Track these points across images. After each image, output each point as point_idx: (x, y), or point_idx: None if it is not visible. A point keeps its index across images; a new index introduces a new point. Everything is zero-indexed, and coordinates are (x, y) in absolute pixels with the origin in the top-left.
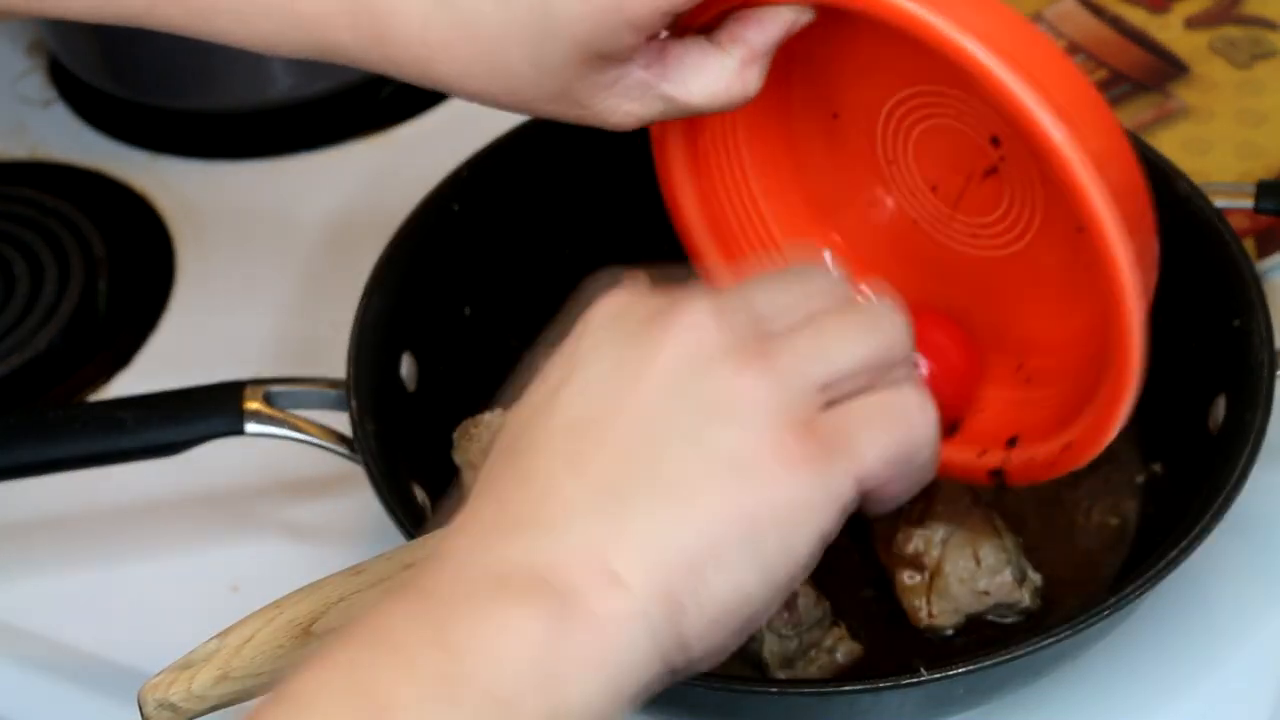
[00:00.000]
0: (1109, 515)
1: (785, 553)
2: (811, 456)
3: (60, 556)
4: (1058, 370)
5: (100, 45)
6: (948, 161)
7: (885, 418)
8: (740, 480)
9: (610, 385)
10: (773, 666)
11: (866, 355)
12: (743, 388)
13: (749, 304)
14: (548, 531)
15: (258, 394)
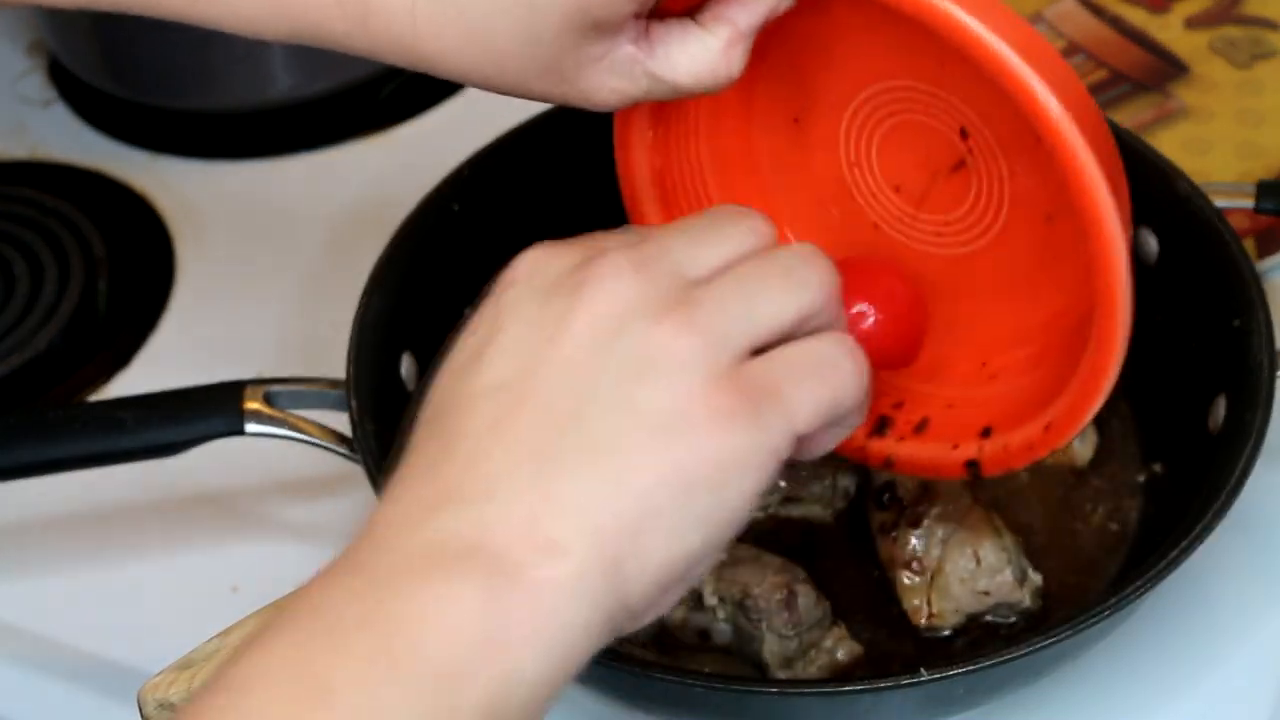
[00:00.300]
0: (1109, 515)
1: (722, 507)
2: (742, 409)
3: (60, 556)
4: (1026, 361)
5: (100, 45)
6: (913, 159)
7: (814, 366)
8: (670, 437)
9: (530, 345)
10: (773, 666)
11: (791, 302)
12: (666, 341)
13: (668, 252)
14: (478, 500)
15: (258, 394)
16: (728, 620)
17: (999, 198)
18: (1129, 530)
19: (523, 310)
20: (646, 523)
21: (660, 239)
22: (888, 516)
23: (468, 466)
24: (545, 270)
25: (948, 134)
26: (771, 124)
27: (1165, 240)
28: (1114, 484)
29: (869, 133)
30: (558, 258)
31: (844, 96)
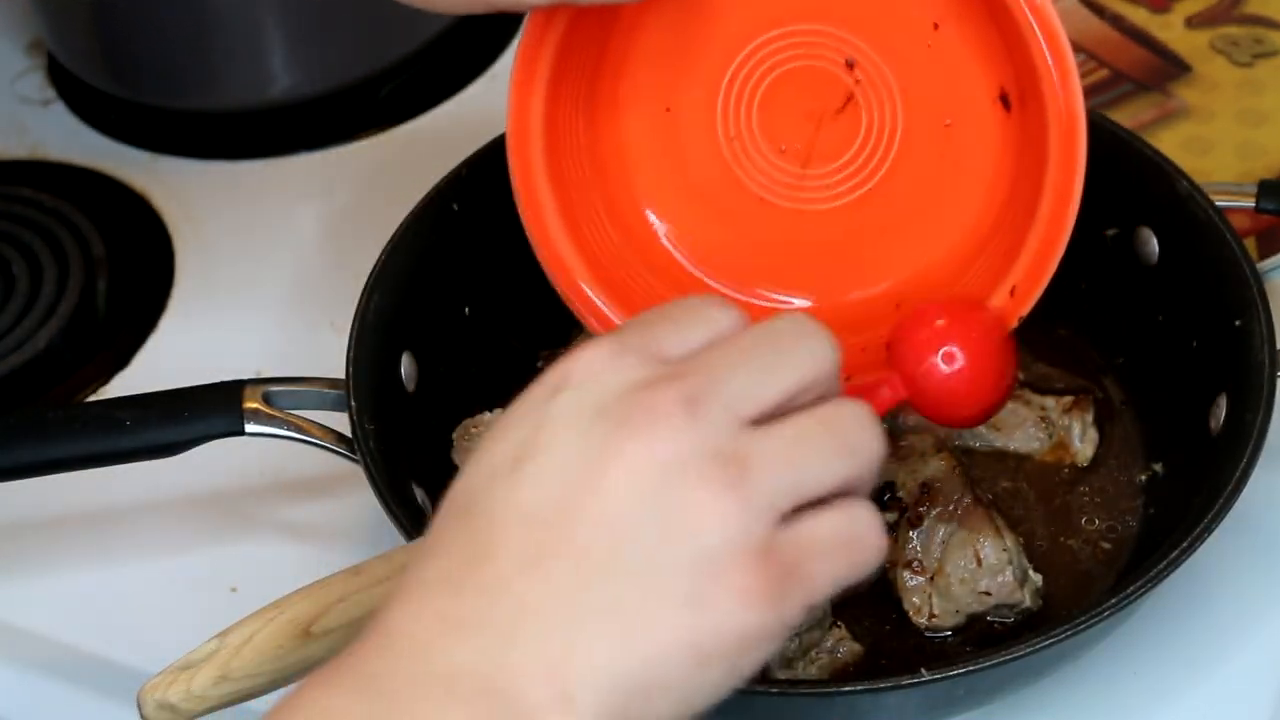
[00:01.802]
0: (1109, 516)
1: (731, 676)
2: (768, 591)
3: (60, 556)
4: (954, 266)
5: (100, 45)
6: (796, 113)
7: (843, 544)
8: (695, 611)
9: (574, 478)
10: (773, 667)
11: (840, 469)
12: (709, 505)
13: (722, 385)
14: (499, 639)
15: (257, 394)
16: None
17: (891, 122)
18: (1129, 531)
19: (570, 430)
20: (658, 688)
21: (716, 364)
22: (888, 516)
23: (494, 599)
24: (600, 383)
25: (832, 71)
26: (643, 115)
27: (1165, 240)
28: (1114, 484)
29: (747, 99)
30: (614, 370)
31: (719, 65)
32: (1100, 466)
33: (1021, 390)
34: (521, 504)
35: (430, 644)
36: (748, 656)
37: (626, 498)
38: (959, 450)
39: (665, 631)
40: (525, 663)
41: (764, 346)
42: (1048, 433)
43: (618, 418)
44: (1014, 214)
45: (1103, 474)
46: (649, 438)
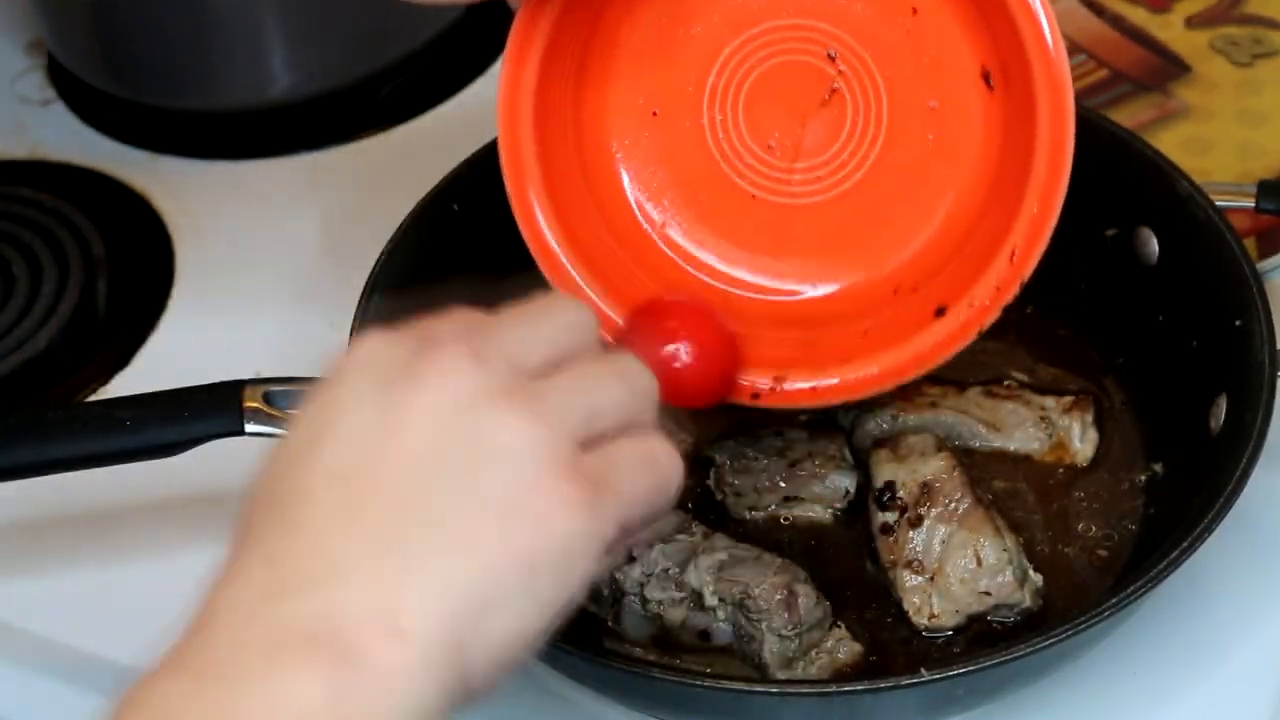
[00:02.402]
0: (1109, 516)
1: (560, 588)
2: (582, 498)
3: (60, 556)
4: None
5: (100, 45)
6: (781, 109)
7: (642, 463)
8: (516, 522)
9: (371, 434)
10: (773, 667)
11: (624, 401)
12: (510, 427)
13: (502, 344)
14: (320, 588)
15: (257, 394)
16: (728, 620)
17: (876, 110)
18: (1129, 531)
19: (361, 399)
20: (491, 606)
21: (493, 331)
22: (888, 516)
23: (310, 554)
24: (382, 359)
25: (815, 65)
26: (630, 116)
27: (1165, 240)
28: (1114, 484)
29: (733, 97)
30: (394, 346)
31: (703, 64)
32: (1100, 467)
33: (1021, 390)
34: (324, 470)
35: (253, 612)
36: (573, 567)
37: (428, 435)
38: (959, 450)
39: (489, 543)
40: (351, 604)
41: (529, 312)
42: (1048, 433)
43: (406, 374)
44: (1006, 185)
45: (1103, 474)
46: (439, 381)
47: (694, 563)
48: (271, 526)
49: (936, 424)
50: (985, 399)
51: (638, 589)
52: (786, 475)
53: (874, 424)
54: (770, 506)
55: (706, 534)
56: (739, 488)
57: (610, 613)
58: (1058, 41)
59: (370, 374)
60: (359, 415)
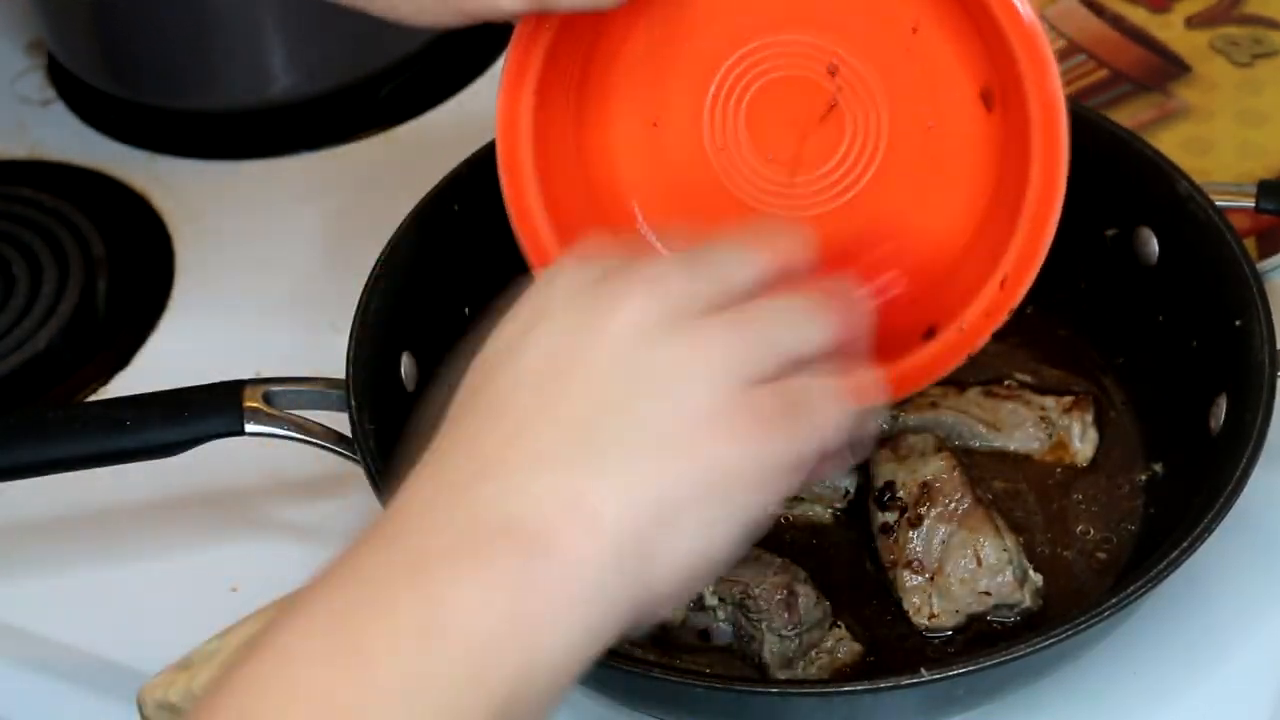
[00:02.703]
0: (1109, 515)
1: (751, 507)
2: (781, 418)
3: (60, 556)
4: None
5: (100, 45)
6: (781, 122)
7: (844, 391)
8: (714, 433)
9: (578, 333)
10: (773, 667)
11: (827, 331)
12: (714, 339)
13: (713, 264)
14: (522, 472)
15: (257, 394)
16: (728, 620)
17: (875, 127)
18: (1128, 531)
19: (571, 299)
20: (682, 513)
21: (703, 254)
22: (888, 516)
23: (512, 441)
24: (592, 264)
25: (814, 79)
26: (630, 130)
27: (1165, 240)
28: (1114, 484)
29: (733, 110)
30: (606, 254)
31: (704, 77)
32: (1100, 467)
33: (1021, 390)
34: (528, 366)
35: (455, 492)
36: (766, 486)
37: (634, 340)
38: (959, 450)
39: (687, 451)
40: (547, 490)
41: (744, 239)
42: (1048, 433)
43: (618, 280)
44: (1001, 209)
45: (1102, 474)
46: (648, 292)
47: None
48: (475, 414)
49: (936, 424)
50: (985, 399)
51: None
52: None
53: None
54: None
55: None
56: None
57: None
58: (1052, 67)
59: (579, 277)
60: (566, 315)
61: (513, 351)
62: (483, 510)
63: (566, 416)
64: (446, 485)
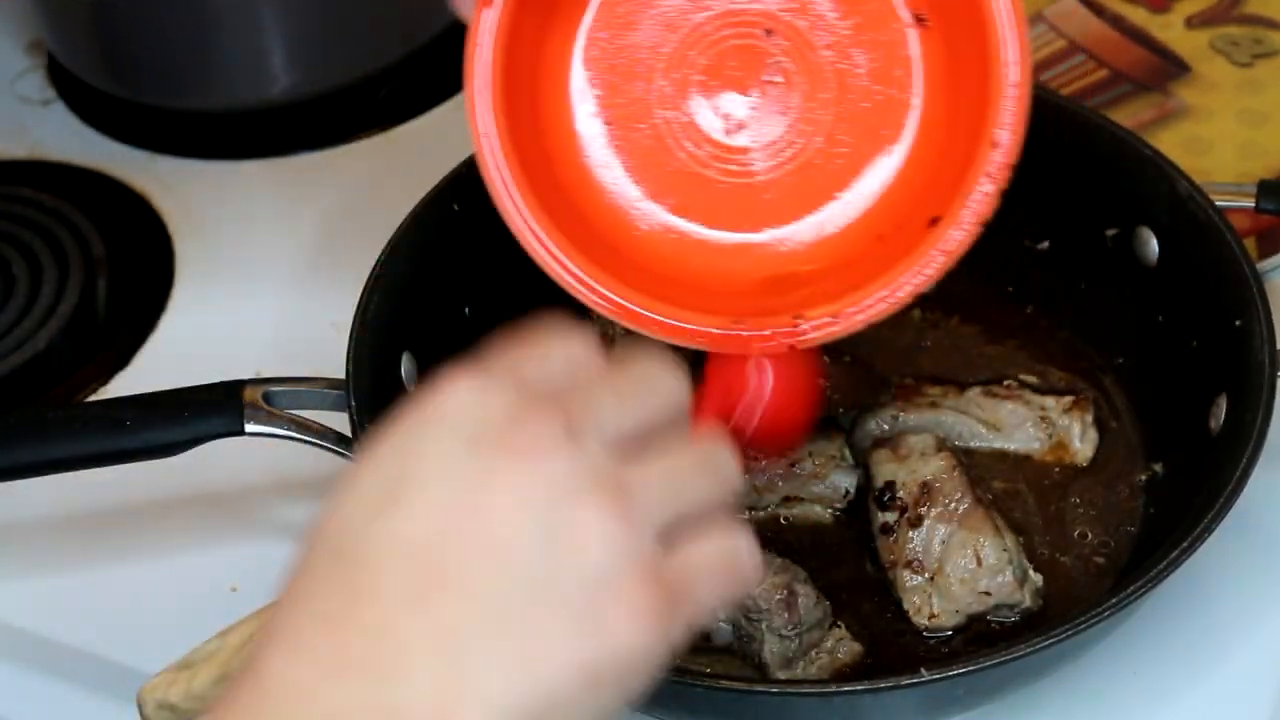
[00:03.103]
0: (1109, 515)
1: (620, 697)
2: (656, 613)
3: (60, 556)
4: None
5: (100, 45)
6: (730, 92)
7: (723, 566)
8: (587, 635)
9: (456, 507)
10: (773, 667)
11: (713, 494)
12: (596, 525)
13: (597, 412)
14: (386, 676)
15: (257, 394)
16: (728, 620)
17: (820, 76)
18: (1128, 531)
19: (446, 461)
20: (550, 713)
21: (590, 396)
22: (888, 516)
23: (377, 637)
24: (471, 415)
25: (754, 46)
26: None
27: (1165, 240)
28: (1114, 484)
29: (682, 95)
30: (485, 402)
31: (648, 72)
32: (1100, 467)
33: (1021, 390)
34: (400, 537)
35: (311, 688)
36: (637, 677)
37: (511, 522)
38: (959, 450)
39: (556, 657)
40: (413, 700)
41: (622, 379)
42: (1048, 433)
43: (497, 444)
44: (970, 92)
45: (1102, 474)
46: (530, 462)
47: None
48: (336, 588)
49: (936, 424)
50: (985, 399)
51: None
52: (786, 475)
53: (874, 424)
54: (770, 506)
55: None
56: None
57: None
58: None
59: (456, 431)
60: (443, 483)
61: (381, 513)
62: (344, 709)
63: (436, 613)
64: (305, 675)
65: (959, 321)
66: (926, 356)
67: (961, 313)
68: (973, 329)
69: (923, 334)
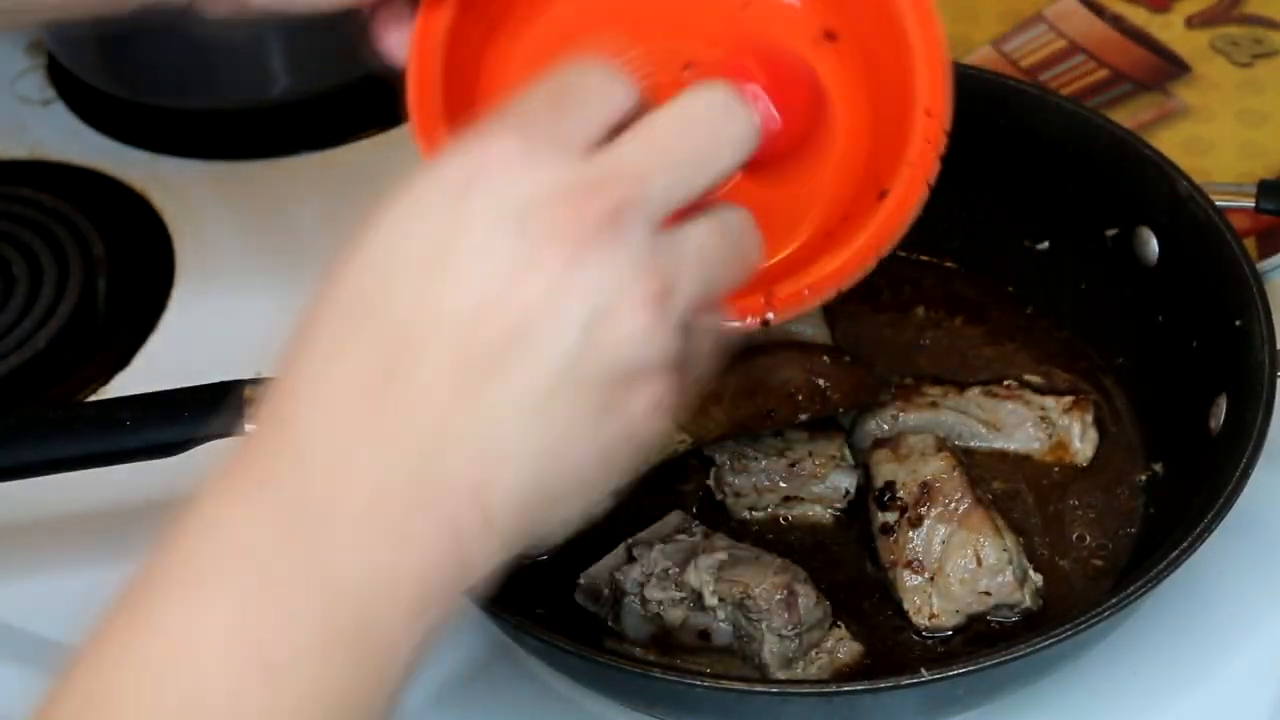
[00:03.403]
0: (1109, 515)
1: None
2: (675, 398)
3: (60, 556)
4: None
5: (100, 45)
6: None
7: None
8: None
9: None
10: (773, 667)
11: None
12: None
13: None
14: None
15: (257, 394)
16: (728, 620)
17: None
18: (1128, 531)
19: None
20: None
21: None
22: (888, 516)
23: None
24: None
25: (676, 79)
26: None
27: (1165, 240)
28: (1114, 484)
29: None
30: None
31: None
32: (1100, 466)
33: (1021, 390)
34: (443, 310)
35: (352, 464)
36: (647, 455)
37: (556, 311)
38: (959, 450)
39: (581, 446)
40: (452, 482)
41: (685, 142)
42: (1048, 433)
43: (546, 226)
44: (891, 77)
45: (1102, 474)
46: (580, 252)
47: (694, 563)
48: (373, 352)
49: (936, 424)
50: (985, 399)
51: (638, 589)
52: (786, 475)
53: (874, 424)
54: (770, 506)
55: (706, 534)
56: (739, 488)
57: (610, 613)
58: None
59: (506, 204)
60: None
61: (418, 283)
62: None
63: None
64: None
65: (959, 321)
66: (926, 356)
67: (961, 312)
68: (973, 329)
69: (922, 332)
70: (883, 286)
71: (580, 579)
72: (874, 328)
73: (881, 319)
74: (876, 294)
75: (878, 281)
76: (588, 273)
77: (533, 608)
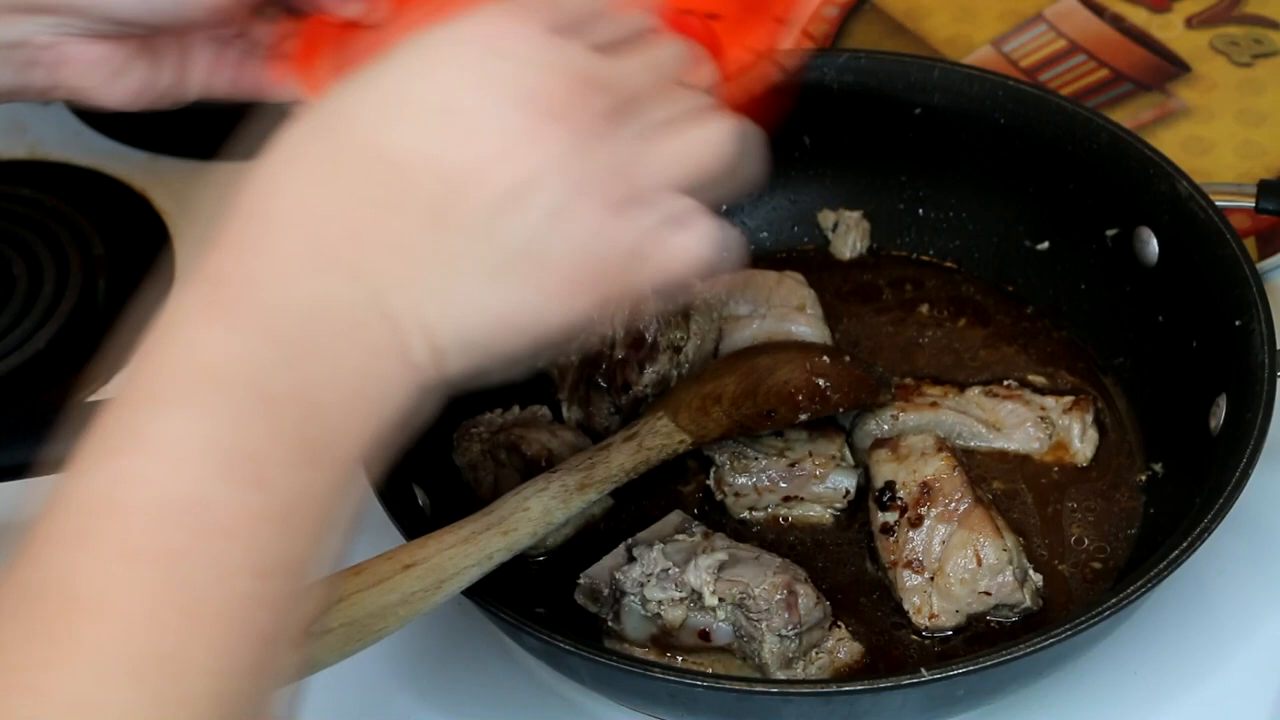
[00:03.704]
0: (1109, 514)
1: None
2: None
3: None
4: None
5: None
6: None
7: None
8: (558, 299)
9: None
10: (773, 667)
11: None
12: (588, 224)
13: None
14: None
15: None
16: (728, 620)
17: None
18: (1128, 532)
19: (499, 103)
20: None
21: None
22: (888, 516)
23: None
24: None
25: None
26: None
27: (1165, 240)
28: (1113, 484)
29: None
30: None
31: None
32: (1100, 467)
33: (1021, 390)
34: (435, 160)
35: (328, 282)
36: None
37: (540, 190)
38: (959, 450)
39: (529, 314)
40: (410, 311)
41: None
42: (1048, 433)
43: (553, 107)
44: None
45: (1102, 474)
46: (573, 140)
47: (694, 563)
48: (356, 188)
49: (936, 424)
50: (985, 399)
51: (638, 589)
52: (786, 475)
53: (874, 424)
54: (770, 506)
55: (706, 534)
56: (739, 488)
57: (610, 613)
58: None
59: (520, 78)
60: (491, 123)
61: (412, 127)
62: (354, 305)
63: (451, 237)
64: (319, 267)
65: (959, 321)
66: (926, 356)
67: (961, 313)
68: (973, 329)
69: (922, 332)
70: (883, 287)
71: (580, 579)
72: (874, 328)
73: (882, 319)
74: (877, 294)
75: (878, 282)
76: (570, 166)
77: (533, 607)
